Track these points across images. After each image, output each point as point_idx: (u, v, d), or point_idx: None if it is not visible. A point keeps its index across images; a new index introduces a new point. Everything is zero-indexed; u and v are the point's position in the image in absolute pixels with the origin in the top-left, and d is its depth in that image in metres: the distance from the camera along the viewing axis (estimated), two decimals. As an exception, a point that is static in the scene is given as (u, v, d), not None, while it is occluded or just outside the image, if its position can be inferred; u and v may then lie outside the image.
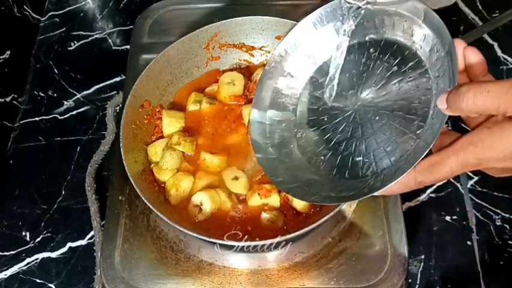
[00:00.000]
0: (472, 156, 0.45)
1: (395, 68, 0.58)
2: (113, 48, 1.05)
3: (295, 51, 0.67)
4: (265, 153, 0.66)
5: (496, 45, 1.00)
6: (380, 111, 0.58)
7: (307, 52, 0.67)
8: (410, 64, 0.57)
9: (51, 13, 1.10)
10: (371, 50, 0.61)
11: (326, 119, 0.63)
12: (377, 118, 0.58)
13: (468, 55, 0.50)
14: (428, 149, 0.48)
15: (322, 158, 0.62)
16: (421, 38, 0.56)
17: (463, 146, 0.45)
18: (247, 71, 0.83)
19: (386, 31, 0.60)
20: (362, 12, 0.60)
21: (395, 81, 0.58)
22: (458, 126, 0.50)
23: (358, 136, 0.59)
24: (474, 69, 0.51)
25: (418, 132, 0.53)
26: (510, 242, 0.80)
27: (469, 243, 0.80)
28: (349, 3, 0.60)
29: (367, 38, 0.62)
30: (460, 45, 0.50)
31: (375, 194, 0.51)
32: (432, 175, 0.47)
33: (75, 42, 1.06)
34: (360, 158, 0.58)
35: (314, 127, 0.65)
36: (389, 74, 0.59)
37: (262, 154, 0.66)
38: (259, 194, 0.69)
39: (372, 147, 0.57)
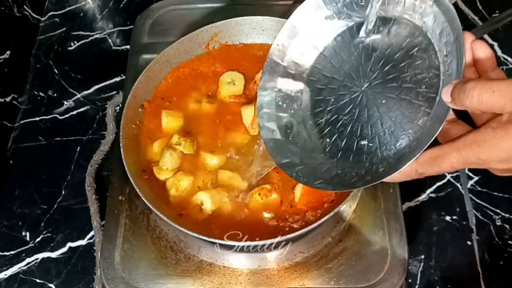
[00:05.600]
0: (473, 155, 0.44)
1: (405, 48, 0.57)
2: (113, 48, 1.05)
3: (302, 27, 0.65)
4: (272, 136, 0.66)
5: (496, 45, 1.00)
6: (387, 94, 0.57)
7: (315, 26, 0.64)
8: (420, 46, 0.55)
9: (51, 13, 1.10)
10: (381, 29, 0.60)
11: (332, 100, 0.63)
12: (383, 101, 0.57)
13: (476, 49, 0.49)
14: (432, 139, 0.48)
15: (328, 140, 0.62)
16: (431, 19, 0.54)
17: (466, 144, 0.45)
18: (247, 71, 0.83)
19: (395, 9, 0.58)
20: None
21: (404, 62, 0.56)
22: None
23: (364, 119, 0.58)
24: (483, 64, 0.50)
25: (424, 119, 0.52)
26: (510, 242, 0.80)
27: (469, 243, 0.80)
28: None
29: (376, 16, 0.60)
30: (468, 38, 0.49)
31: (379, 182, 0.51)
32: (433, 168, 0.47)
33: (75, 42, 1.06)
34: (365, 142, 0.57)
35: (321, 108, 0.64)
36: (398, 54, 0.57)
37: (268, 136, 0.66)
38: (259, 194, 0.69)
39: (378, 133, 0.57)
